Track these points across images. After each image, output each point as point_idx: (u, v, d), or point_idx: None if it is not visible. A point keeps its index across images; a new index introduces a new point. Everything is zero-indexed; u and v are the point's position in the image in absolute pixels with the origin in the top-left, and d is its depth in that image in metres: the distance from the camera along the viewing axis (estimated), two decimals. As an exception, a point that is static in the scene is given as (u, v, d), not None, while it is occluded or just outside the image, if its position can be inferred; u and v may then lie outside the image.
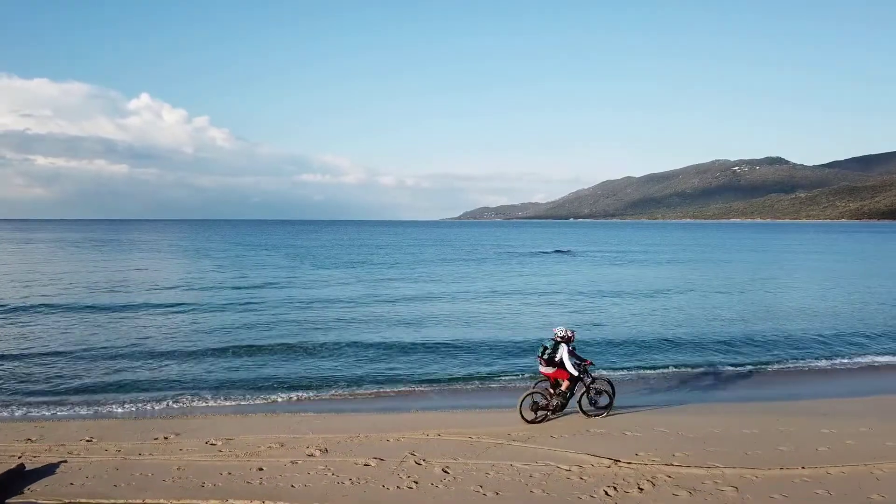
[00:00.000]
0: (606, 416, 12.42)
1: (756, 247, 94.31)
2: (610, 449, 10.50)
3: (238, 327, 24.24)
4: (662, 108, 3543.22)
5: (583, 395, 12.39)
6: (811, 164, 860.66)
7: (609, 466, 9.71)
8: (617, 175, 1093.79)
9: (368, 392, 15.94)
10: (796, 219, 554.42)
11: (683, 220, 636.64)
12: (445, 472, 9.59)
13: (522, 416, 12.07)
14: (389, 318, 26.78)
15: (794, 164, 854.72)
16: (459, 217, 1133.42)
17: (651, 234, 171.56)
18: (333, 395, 15.69)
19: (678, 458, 10.04)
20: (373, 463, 10.06)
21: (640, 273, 49.63)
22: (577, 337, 12.78)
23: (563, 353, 12.06)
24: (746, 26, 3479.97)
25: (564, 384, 12.29)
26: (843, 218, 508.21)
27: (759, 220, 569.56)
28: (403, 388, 16.14)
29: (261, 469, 9.86)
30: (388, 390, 16.06)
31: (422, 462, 10.04)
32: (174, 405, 14.65)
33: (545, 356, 12.25)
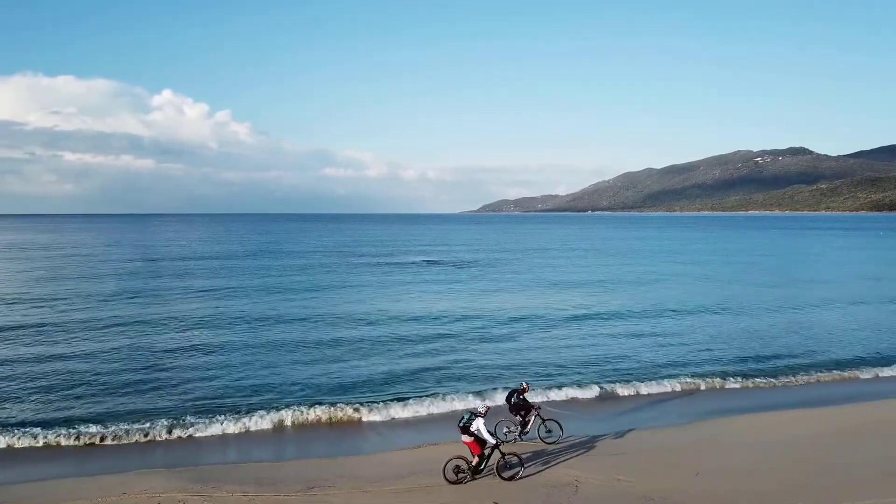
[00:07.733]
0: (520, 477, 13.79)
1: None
2: None
3: None
4: (686, 99, 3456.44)
5: (498, 461, 13.83)
6: (836, 155, 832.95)
7: None
8: (638, 167, 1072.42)
9: None
10: (816, 210, 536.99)
11: (702, 213, 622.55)
12: None
13: (446, 478, 13.44)
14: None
15: (818, 155, 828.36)
16: (478, 210, 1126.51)
17: (614, 235, 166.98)
18: None
19: None
20: None
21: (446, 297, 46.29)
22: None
23: (478, 425, 13.38)
24: (774, 15, 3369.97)
25: (475, 459, 13.67)
26: (863, 209, 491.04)
27: (777, 212, 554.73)
28: None
29: None
30: None
31: None
32: None
33: (461, 424, 13.57)
